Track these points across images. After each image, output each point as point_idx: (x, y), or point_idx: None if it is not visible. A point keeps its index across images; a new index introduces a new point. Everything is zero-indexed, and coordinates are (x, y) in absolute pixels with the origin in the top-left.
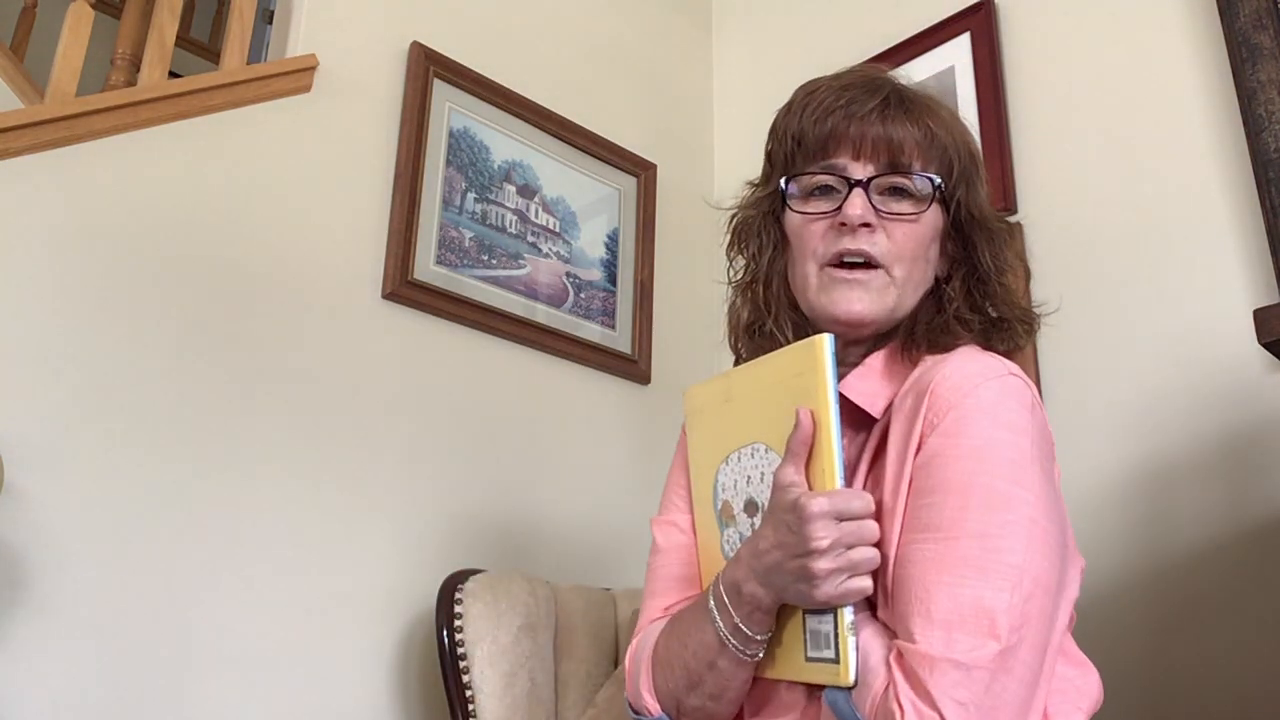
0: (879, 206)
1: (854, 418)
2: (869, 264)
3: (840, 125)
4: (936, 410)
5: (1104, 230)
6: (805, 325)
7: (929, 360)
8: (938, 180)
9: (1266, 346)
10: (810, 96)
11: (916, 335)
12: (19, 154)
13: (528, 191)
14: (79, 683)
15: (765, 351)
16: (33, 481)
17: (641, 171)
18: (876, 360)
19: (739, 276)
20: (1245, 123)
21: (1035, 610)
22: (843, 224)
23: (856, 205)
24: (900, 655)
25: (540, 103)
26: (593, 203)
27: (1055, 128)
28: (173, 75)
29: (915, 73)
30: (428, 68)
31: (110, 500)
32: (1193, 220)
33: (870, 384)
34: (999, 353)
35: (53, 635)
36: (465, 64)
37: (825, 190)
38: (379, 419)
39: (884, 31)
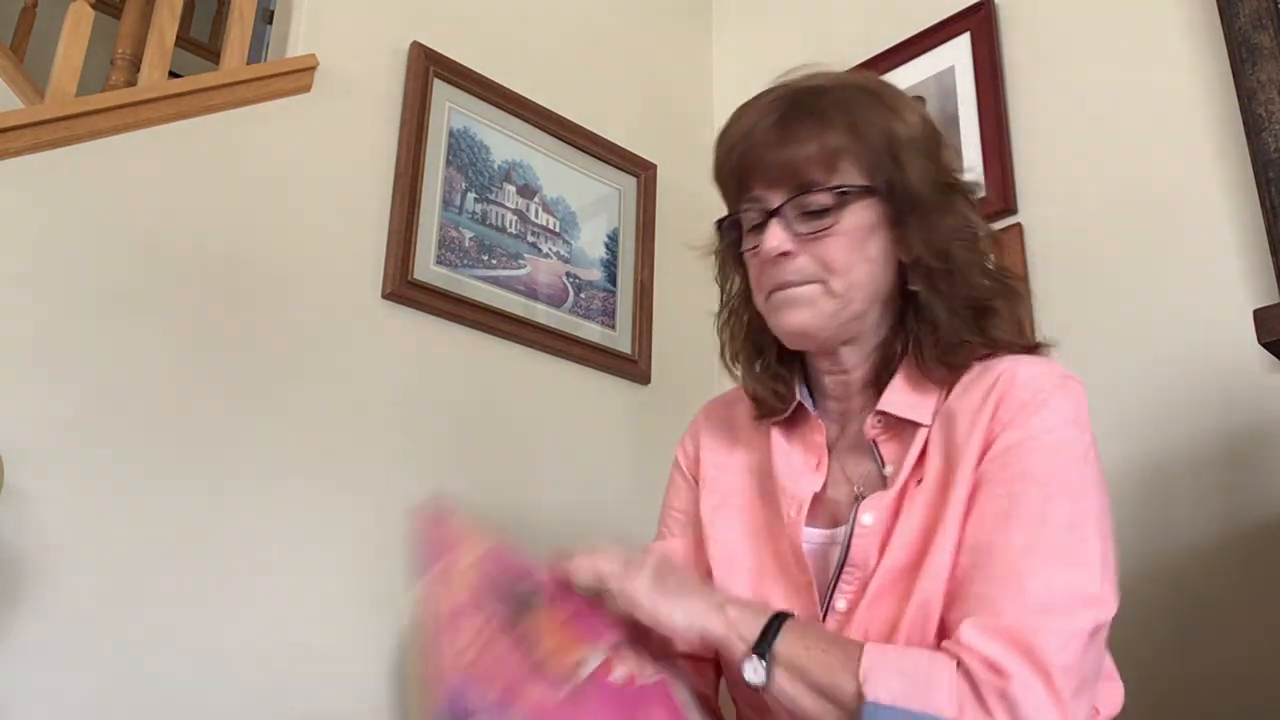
0: (797, 229)
1: (895, 430)
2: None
3: (747, 156)
4: (1009, 408)
5: (1104, 230)
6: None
7: (978, 367)
8: (844, 186)
9: (1266, 346)
10: (725, 130)
11: (926, 360)
12: (19, 154)
13: (528, 191)
14: (79, 683)
15: (751, 376)
16: (33, 482)
17: (641, 171)
18: (900, 380)
19: (720, 308)
20: (1245, 123)
21: (1108, 600)
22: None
23: (770, 239)
24: (983, 630)
25: (540, 103)
26: (593, 203)
27: (1055, 128)
28: (173, 75)
29: (915, 73)
30: (428, 68)
31: (110, 500)
32: (1193, 220)
33: (904, 397)
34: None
35: (53, 635)
36: (465, 64)
37: (756, 225)
38: (379, 419)
39: (884, 31)
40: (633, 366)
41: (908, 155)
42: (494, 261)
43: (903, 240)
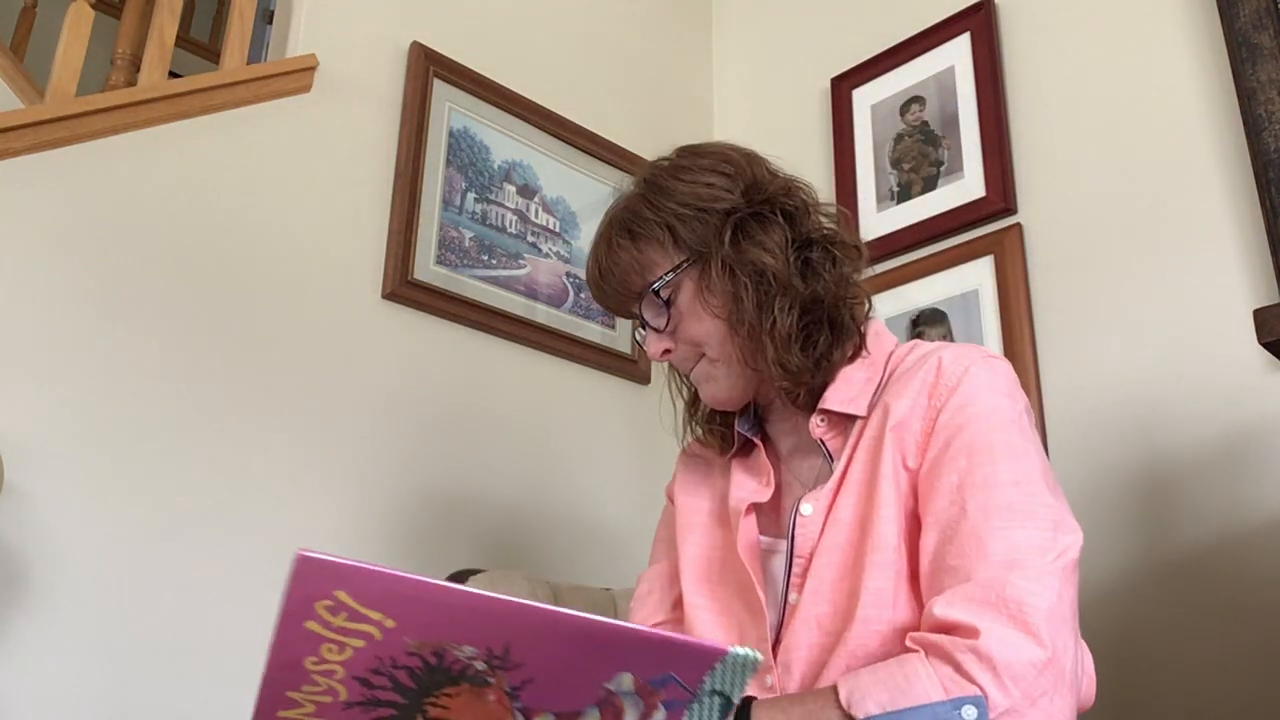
0: (660, 327)
1: (839, 426)
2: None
3: (599, 298)
4: (940, 393)
5: (1104, 230)
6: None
7: (909, 358)
8: (653, 283)
9: (1266, 346)
10: (588, 279)
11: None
12: (19, 154)
13: (528, 191)
14: (79, 683)
15: (702, 430)
16: (33, 481)
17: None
18: (839, 380)
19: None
20: (1245, 123)
21: (1068, 544)
22: None
23: (649, 348)
24: (950, 602)
25: (540, 103)
26: (593, 203)
27: (1055, 128)
28: (173, 75)
29: (915, 73)
30: (428, 68)
31: (110, 500)
32: (1193, 220)
33: (843, 394)
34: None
35: (53, 635)
36: (465, 64)
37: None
38: (379, 418)
39: (884, 31)
40: (633, 366)
41: (685, 225)
42: (494, 261)
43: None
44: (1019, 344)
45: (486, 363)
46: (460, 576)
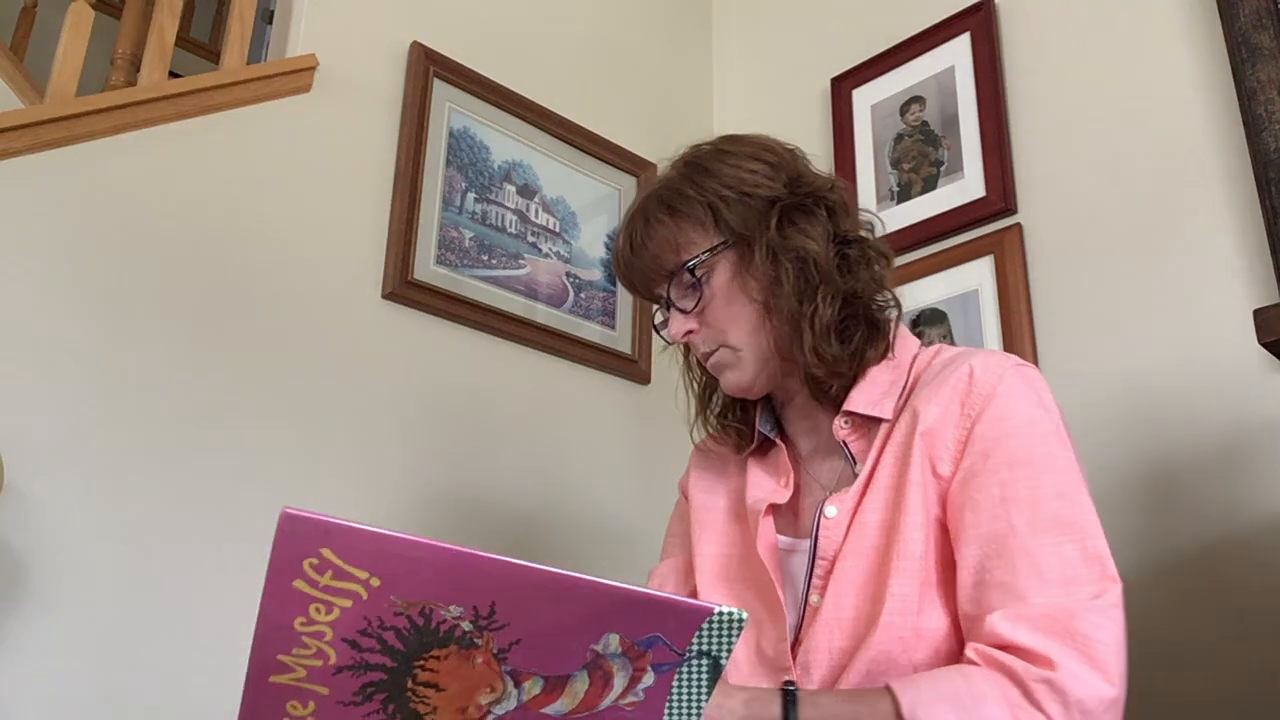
0: (686, 309)
1: (863, 428)
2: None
3: (627, 276)
4: (975, 403)
5: (1104, 230)
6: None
7: (936, 362)
8: (689, 260)
9: (1266, 346)
10: (615, 256)
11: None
12: (19, 154)
13: (528, 191)
14: (79, 683)
15: (716, 426)
16: (33, 481)
17: (641, 171)
18: (864, 380)
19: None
20: (1245, 123)
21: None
22: None
23: (671, 329)
24: (1016, 620)
25: (540, 103)
26: (593, 203)
27: (1055, 128)
28: (173, 75)
29: (915, 73)
30: (428, 68)
31: (111, 500)
32: (1192, 221)
33: (868, 396)
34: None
35: (53, 635)
36: (465, 64)
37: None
38: (379, 419)
39: (884, 31)
40: (633, 366)
41: (729, 207)
42: (494, 261)
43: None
44: (1019, 344)
45: (486, 363)
46: None
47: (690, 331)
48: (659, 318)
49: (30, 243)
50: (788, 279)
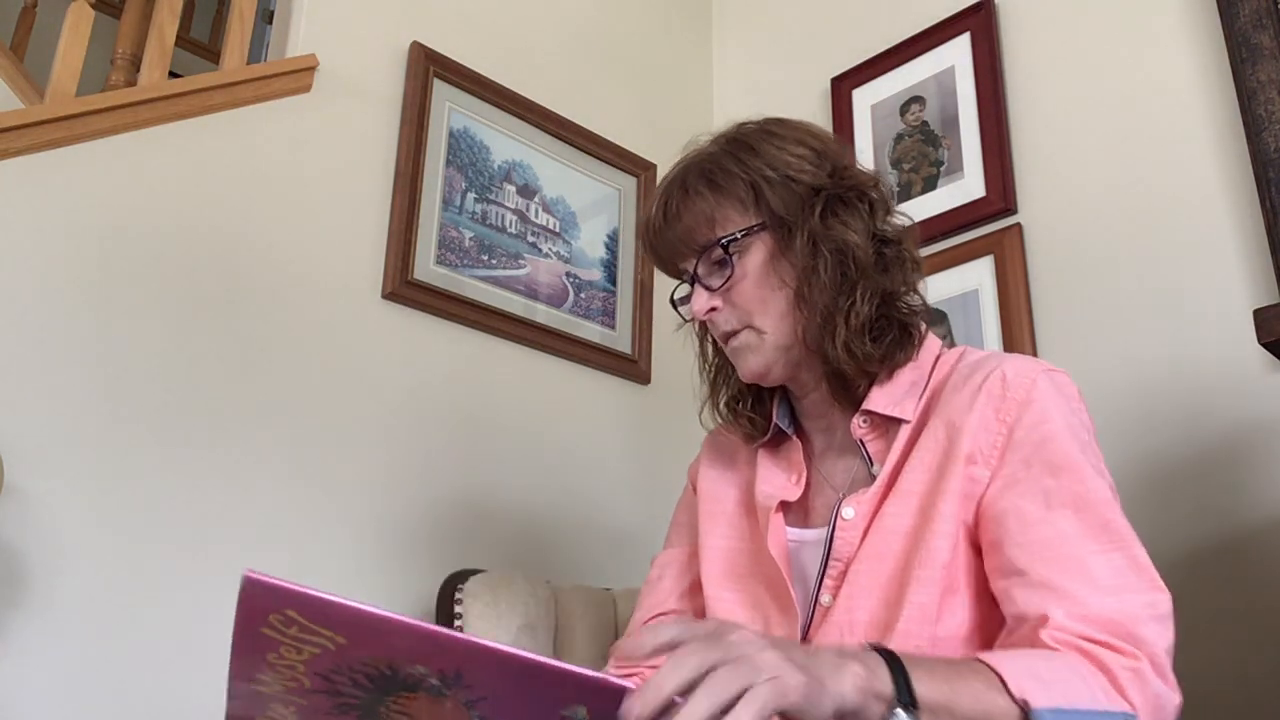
0: (712, 286)
1: (881, 428)
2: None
3: (655, 246)
4: (1010, 408)
5: (1104, 230)
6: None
7: (962, 366)
8: (723, 236)
9: (1266, 346)
10: (644, 224)
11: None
12: (19, 154)
13: (528, 191)
14: (79, 683)
15: (728, 414)
16: (33, 481)
17: (641, 171)
18: (885, 379)
19: (698, 361)
20: (1245, 123)
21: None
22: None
23: (694, 304)
24: (1081, 620)
25: (540, 103)
26: (593, 203)
27: (1055, 128)
28: (173, 75)
29: (915, 73)
30: (428, 68)
31: (110, 500)
32: (1193, 220)
33: (889, 396)
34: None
35: (53, 635)
36: (465, 64)
37: (689, 294)
38: (379, 419)
39: (884, 31)
40: (633, 366)
41: (772, 189)
42: (494, 261)
43: (788, 266)
44: (1019, 344)
45: (486, 363)
46: (459, 576)
47: (714, 309)
48: (679, 293)
49: (30, 242)
50: (825, 269)
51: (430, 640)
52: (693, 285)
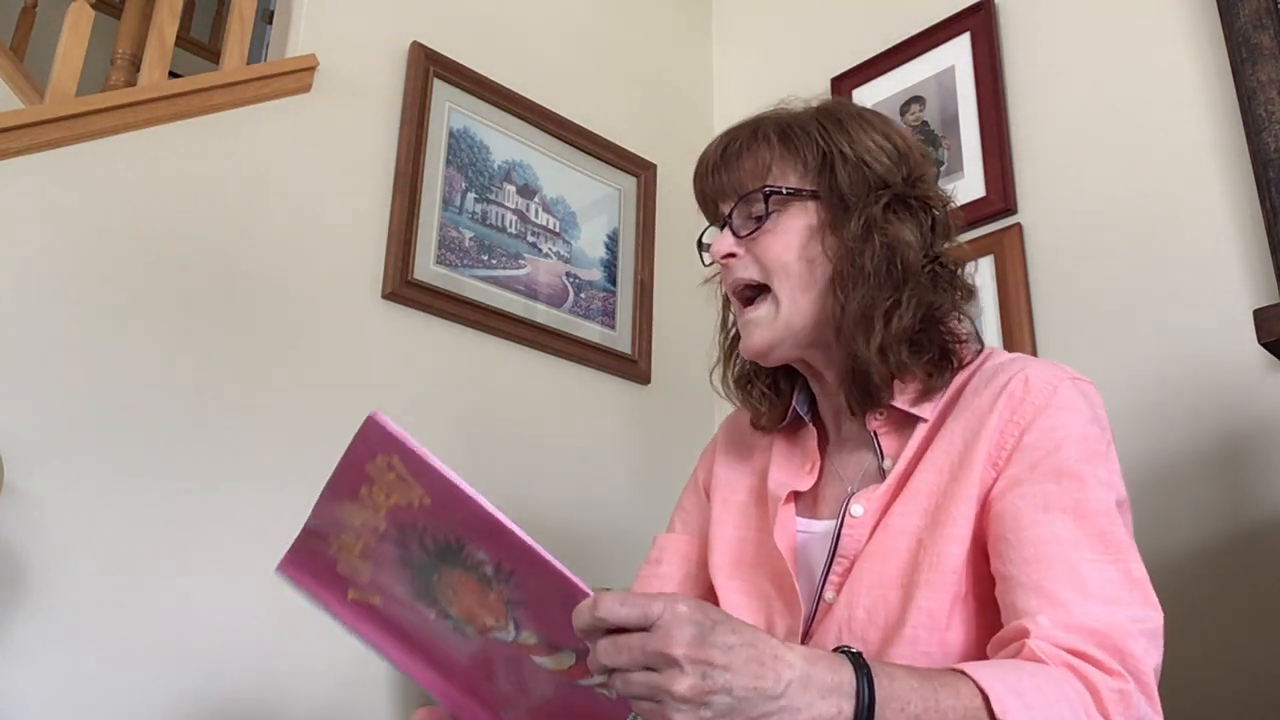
0: (740, 232)
1: (898, 424)
2: (760, 292)
3: (704, 180)
4: (1027, 411)
5: (1104, 230)
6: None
7: (987, 368)
8: (770, 187)
9: (1266, 346)
10: (701, 158)
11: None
12: (19, 154)
13: (528, 191)
14: (78, 682)
15: (742, 395)
16: (33, 481)
17: (641, 171)
18: (906, 375)
19: (719, 333)
20: (1245, 123)
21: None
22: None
23: (718, 243)
24: (1069, 629)
25: (540, 103)
26: (593, 203)
27: (1055, 128)
28: (173, 75)
29: (915, 73)
30: (428, 68)
31: (110, 500)
32: (1193, 220)
33: (910, 393)
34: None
35: (53, 635)
36: (465, 64)
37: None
38: None
39: (884, 31)
40: (633, 366)
41: (844, 165)
42: (494, 261)
43: (834, 244)
44: (1019, 344)
45: (486, 363)
46: None
47: (733, 255)
48: (708, 236)
49: (30, 242)
50: (871, 258)
51: (502, 534)
52: (722, 229)
